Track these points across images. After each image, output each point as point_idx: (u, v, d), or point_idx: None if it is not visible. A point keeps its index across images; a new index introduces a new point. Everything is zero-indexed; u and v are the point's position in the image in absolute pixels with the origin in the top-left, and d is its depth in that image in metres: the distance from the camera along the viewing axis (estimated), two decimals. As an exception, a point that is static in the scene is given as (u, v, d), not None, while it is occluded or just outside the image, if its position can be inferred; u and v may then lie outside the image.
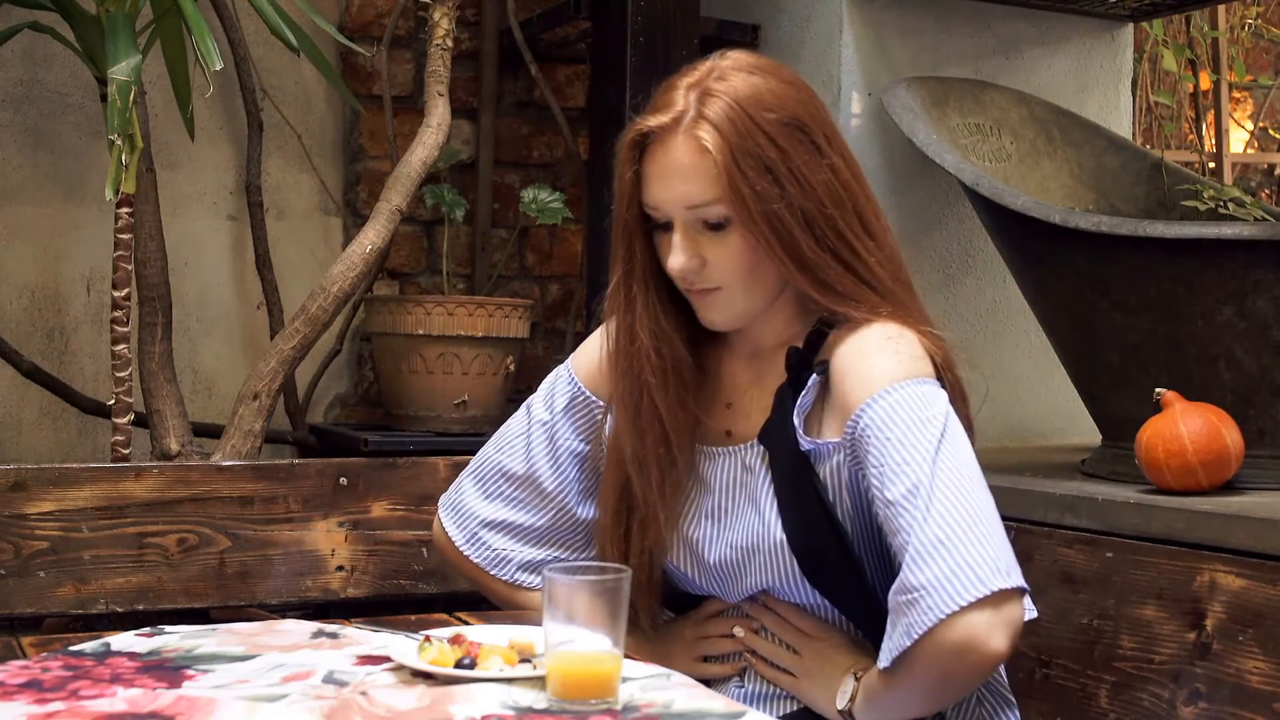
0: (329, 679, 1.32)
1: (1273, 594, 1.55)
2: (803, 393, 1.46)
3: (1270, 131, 4.13)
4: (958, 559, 1.28)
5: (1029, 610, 1.39)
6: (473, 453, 1.73)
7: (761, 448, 1.50)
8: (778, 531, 1.46)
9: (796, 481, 1.45)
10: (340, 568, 2.01)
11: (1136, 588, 1.71)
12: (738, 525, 1.51)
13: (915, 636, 1.28)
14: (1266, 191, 4.17)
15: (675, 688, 1.31)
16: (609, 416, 1.59)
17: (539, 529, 1.64)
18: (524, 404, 1.69)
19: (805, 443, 1.45)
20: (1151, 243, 1.94)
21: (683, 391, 1.52)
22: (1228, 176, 3.89)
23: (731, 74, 1.46)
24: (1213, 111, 3.93)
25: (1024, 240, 2.17)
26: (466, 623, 1.72)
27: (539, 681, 1.29)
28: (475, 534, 1.66)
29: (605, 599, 1.25)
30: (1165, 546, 1.71)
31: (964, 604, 1.26)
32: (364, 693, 1.26)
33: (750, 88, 1.45)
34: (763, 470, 1.50)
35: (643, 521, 1.53)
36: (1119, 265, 1.99)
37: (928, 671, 1.31)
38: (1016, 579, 1.30)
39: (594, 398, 1.62)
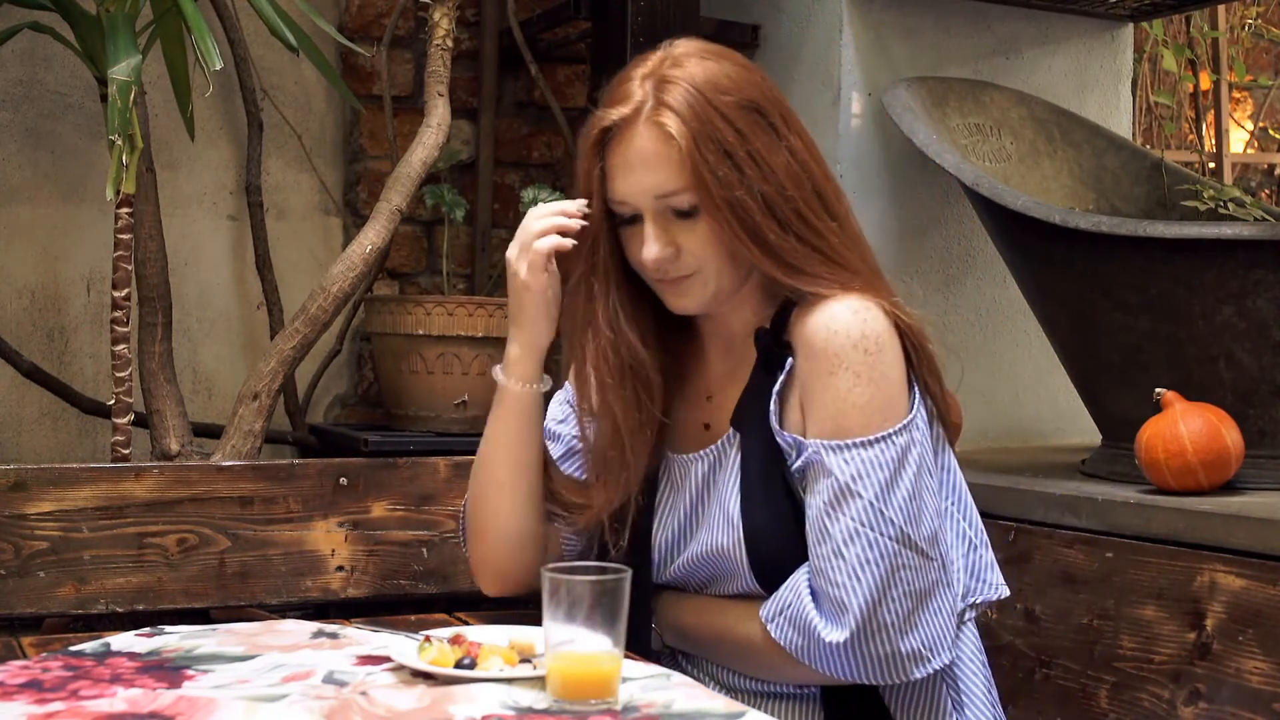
0: (329, 679, 1.32)
1: (1273, 594, 1.55)
2: (779, 379, 1.45)
3: (1270, 131, 4.12)
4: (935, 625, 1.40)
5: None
6: (473, 453, 1.73)
7: (737, 435, 1.49)
8: (740, 527, 1.45)
9: (767, 471, 1.44)
10: (340, 568, 2.01)
11: (1136, 588, 1.71)
12: (702, 532, 1.51)
13: (871, 680, 1.39)
14: (1266, 191, 4.17)
15: (675, 688, 1.31)
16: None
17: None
18: None
19: (780, 436, 1.44)
20: (1151, 243, 1.94)
21: (639, 392, 1.49)
22: (1228, 176, 3.89)
23: (685, 60, 1.46)
24: (1213, 111, 3.92)
25: (1024, 240, 2.17)
26: (466, 623, 1.72)
27: (539, 681, 1.29)
28: None
29: (605, 599, 1.25)
30: (1165, 546, 1.71)
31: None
32: (364, 693, 1.26)
33: (705, 72, 1.44)
34: (735, 459, 1.48)
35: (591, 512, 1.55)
36: (1119, 265, 1.99)
37: (807, 679, 1.44)
38: (942, 660, 1.40)
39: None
